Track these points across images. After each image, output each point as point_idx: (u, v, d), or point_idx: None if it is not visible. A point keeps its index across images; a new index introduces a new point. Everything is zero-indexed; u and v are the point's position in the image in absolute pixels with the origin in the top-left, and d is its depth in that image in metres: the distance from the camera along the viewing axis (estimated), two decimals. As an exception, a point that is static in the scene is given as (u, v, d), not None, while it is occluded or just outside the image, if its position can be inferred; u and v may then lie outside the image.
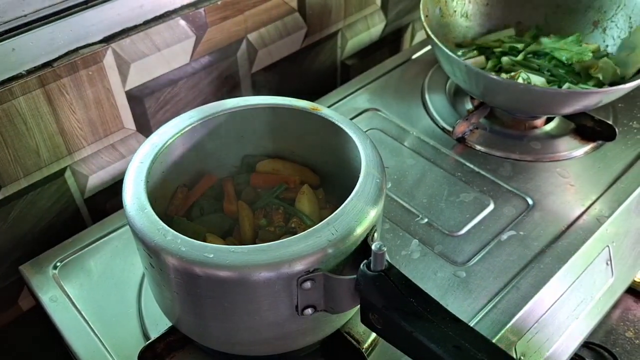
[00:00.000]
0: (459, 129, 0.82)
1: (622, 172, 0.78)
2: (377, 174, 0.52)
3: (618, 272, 0.75)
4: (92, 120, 0.72)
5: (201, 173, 0.63)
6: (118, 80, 0.72)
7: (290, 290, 0.47)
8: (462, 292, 0.64)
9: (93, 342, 0.60)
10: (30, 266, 0.68)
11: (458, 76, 0.79)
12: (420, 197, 0.75)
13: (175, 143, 0.57)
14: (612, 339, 0.80)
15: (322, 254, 0.46)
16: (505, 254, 0.68)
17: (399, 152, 0.82)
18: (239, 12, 0.81)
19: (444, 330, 0.43)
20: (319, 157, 0.63)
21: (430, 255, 0.68)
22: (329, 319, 0.52)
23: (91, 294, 0.65)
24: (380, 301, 0.45)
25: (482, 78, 0.75)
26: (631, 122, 0.85)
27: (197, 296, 0.48)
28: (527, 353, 0.64)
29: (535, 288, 0.64)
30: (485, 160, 0.80)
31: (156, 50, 0.74)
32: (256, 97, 0.61)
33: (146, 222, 0.48)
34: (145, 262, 0.50)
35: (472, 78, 0.76)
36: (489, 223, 0.71)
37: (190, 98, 0.83)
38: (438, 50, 0.78)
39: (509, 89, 0.74)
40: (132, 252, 0.69)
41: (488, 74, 0.74)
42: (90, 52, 0.68)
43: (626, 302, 0.85)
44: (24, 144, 0.67)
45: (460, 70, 0.77)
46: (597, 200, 0.74)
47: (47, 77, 0.65)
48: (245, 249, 0.46)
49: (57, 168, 0.72)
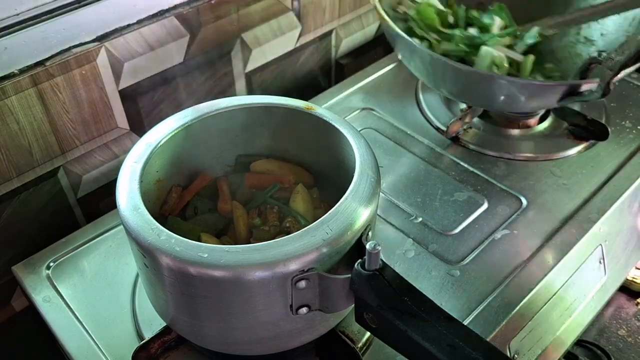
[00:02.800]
0: (452, 128, 0.82)
1: (615, 171, 0.78)
2: (372, 173, 0.52)
3: (611, 270, 0.76)
4: (86, 120, 0.72)
5: (195, 172, 0.63)
6: (111, 80, 0.72)
7: (284, 290, 0.47)
8: (456, 290, 0.64)
9: (87, 343, 0.60)
10: (23, 266, 0.68)
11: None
12: (414, 196, 0.75)
13: (169, 142, 0.57)
14: (605, 337, 0.81)
15: (316, 254, 0.46)
16: (499, 253, 0.68)
17: (393, 151, 0.82)
18: (232, 11, 0.81)
19: (438, 329, 0.43)
20: (314, 157, 0.63)
21: (424, 254, 0.68)
22: (323, 318, 0.52)
23: (85, 294, 0.65)
24: (375, 300, 0.45)
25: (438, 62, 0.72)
26: (623, 122, 0.86)
27: (192, 296, 0.48)
28: (521, 351, 0.64)
29: (529, 287, 0.64)
30: (479, 160, 0.80)
31: (150, 49, 0.74)
32: (250, 97, 0.61)
33: (140, 222, 0.48)
34: (139, 262, 0.50)
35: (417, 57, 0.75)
36: (482, 222, 0.72)
37: (184, 97, 0.82)
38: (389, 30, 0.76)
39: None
40: (126, 252, 0.68)
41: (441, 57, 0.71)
42: (83, 51, 0.67)
43: (619, 300, 0.85)
44: (16, 143, 0.66)
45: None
46: (590, 199, 0.74)
47: (39, 76, 0.65)
48: (240, 249, 0.46)
49: (50, 168, 0.71)
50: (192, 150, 0.60)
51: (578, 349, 0.80)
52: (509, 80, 0.70)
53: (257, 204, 0.60)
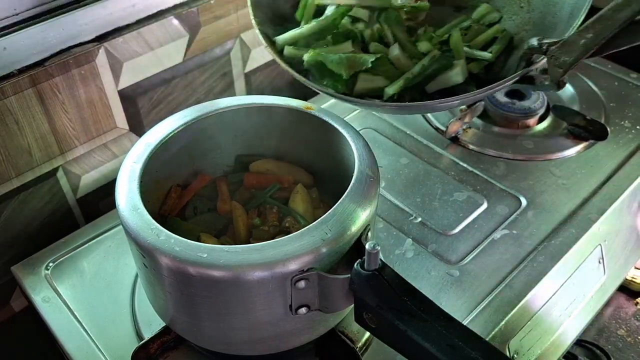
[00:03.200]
0: (452, 128, 0.82)
1: (614, 171, 0.78)
2: (371, 173, 0.52)
3: (610, 270, 0.76)
4: (85, 120, 0.72)
5: (195, 173, 0.63)
6: (111, 80, 0.72)
7: (284, 290, 0.47)
8: (456, 290, 0.64)
9: (86, 343, 0.60)
10: (22, 267, 0.68)
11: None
12: (413, 196, 0.75)
13: (168, 143, 0.57)
14: (604, 336, 0.81)
15: (316, 254, 0.46)
16: (499, 253, 0.68)
17: (393, 151, 0.82)
18: (232, 11, 0.80)
19: (438, 329, 0.43)
20: (313, 157, 0.63)
21: (424, 254, 0.68)
22: (323, 318, 0.52)
23: (84, 294, 0.65)
24: (374, 300, 0.45)
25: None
26: (623, 122, 0.86)
27: (191, 296, 0.48)
28: (520, 351, 0.64)
29: (528, 286, 0.64)
30: (479, 160, 0.80)
31: (149, 49, 0.74)
32: (250, 97, 0.61)
33: (139, 222, 0.48)
34: (139, 262, 0.50)
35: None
36: (482, 222, 0.72)
37: (184, 97, 0.82)
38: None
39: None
40: (125, 252, 0.68)
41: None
42: (82, 52, 0.67)
43: (618, 300, 0.85)
44: (15, 143, 0.66)
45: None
46: (589, 199, 0.74)
47: (39, 77, 0.65)
48: (239, 249, 0.46)
49: (49, 168, 0.71)
50: (192, 150, 0.60)
51: (577, 349, 0.80)
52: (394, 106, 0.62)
53: (257, 203, 0.60)
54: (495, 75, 0.64)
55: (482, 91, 0.57)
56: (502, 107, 0.85)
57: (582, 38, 0.49)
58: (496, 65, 0.66)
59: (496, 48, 0.65)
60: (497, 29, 0.68)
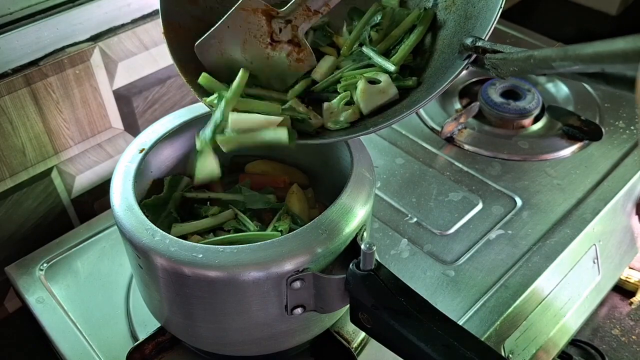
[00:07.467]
0: (447, 129, 0.83)
1: (609, 171, 0.79)
2: (367, 174, 0.52)
3: (605, 270, 0.76)
4: (79, 120, 0.71)
5: (190, 173, 0.62)
6: (105, 79, 0.72)
7: (279, 290, 0.47)
8: (451, 290, 0.64)
9: (80, 344, 0.60)
10: (16, 267, 0.67)
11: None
12: (409, 196, 0.75)
13: (163, 143, 0.57)
14: (599, 336, 0.81)
15: (311, 254, 0.46)
16: (494, 253, 0.68)
17: (388, 151, 0.82)
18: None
19: (433, 329, 0.43)
20: (308, 157, 0.63)
21: (419, 254, 0.68)
22: (318, 318, 0.52)
23: (78, 295, 0.64)
24: (370, 300, 0.45)
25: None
26: (617, 122, 0.86)
27: (186, 296, 0.48)
28: (516, 351, 0.64)
29: (523, 286, 0.65)
30: (474, 160, 0.80)
31: (144, 49, 0.74)
32: (245, 97, 0.61)
33: (134, 222, 0.48)
34: (134, 262, 0.50)
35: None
36: (477, 222, 0.72)
37: (179, 97, 0.82)
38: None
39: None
40: (120, 253, 0.68)
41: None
42: (77, 51, 0.67)
43: (613, 300, 0.85)
44: (9, 143, 0.66)
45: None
46: (584, 199, 0.75)
47: (33, 76, 0.64)
48: (235, 249, 0.46)
49: (43, 168, 0.71)
50: (186, 150, 0.60)
51: (572, 349, 0.80)
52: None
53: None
54: (426, 62, 0.54)
55: (412, 110, 0.48)
56: (497, 108, 0.85)
57: (528, 60, 0.42)
58: (422, 50, 0.56)
59: (414, 37, 0.54)
60: (416, 13, 0.56)
